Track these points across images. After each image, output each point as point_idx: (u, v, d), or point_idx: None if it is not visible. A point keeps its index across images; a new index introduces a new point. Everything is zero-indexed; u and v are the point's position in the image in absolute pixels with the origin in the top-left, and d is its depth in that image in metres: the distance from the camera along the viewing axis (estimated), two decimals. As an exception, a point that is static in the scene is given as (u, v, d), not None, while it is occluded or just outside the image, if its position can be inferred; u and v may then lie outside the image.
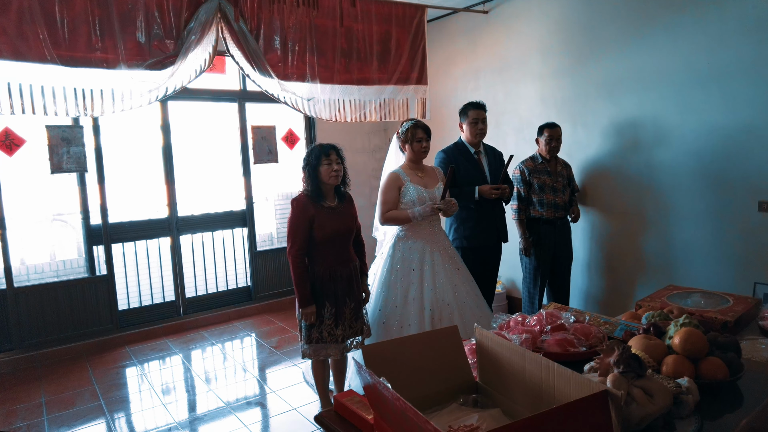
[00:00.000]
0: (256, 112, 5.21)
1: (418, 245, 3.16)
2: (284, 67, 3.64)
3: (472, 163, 3.61)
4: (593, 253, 4.17)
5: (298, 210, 2.82)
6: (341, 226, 2.90)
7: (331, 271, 2.87)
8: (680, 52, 3.49)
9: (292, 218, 2.83)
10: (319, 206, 2.85)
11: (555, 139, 3.88)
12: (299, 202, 2.84)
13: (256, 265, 5.25)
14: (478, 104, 3.58)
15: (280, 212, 5.71)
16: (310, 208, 2.82)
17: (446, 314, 3.06)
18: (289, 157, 5.46)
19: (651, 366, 1.45)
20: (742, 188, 3.29)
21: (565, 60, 4.18)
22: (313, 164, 2.84)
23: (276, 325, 4.88)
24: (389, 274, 3.15)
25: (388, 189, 3.16)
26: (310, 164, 2.84)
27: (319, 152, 2.84)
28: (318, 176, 2.85)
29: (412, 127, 3.17)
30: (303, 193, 2.88)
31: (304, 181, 2.90)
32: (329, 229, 2.84)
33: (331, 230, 2.85)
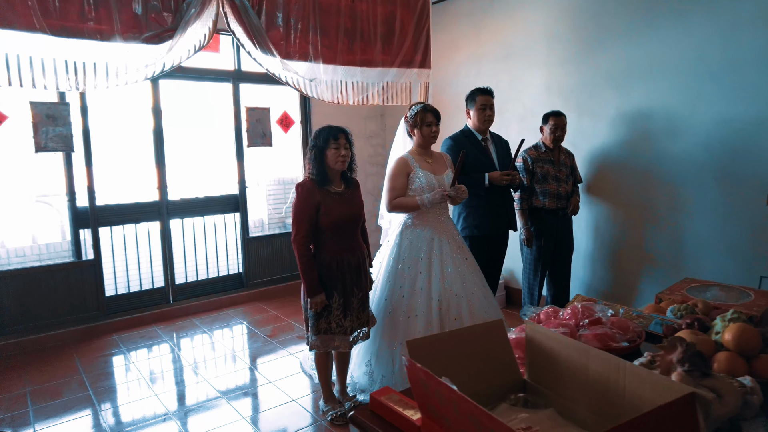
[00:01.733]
0: (250, 94, 5.03)
1: (427, 233, 3.07)
2: (286, 46, 3.49)
3: (480, 150, 3.52)
4: (597, 245, 4.12)
5: (303, 195, 2.70)
6: (348, 211, 2.79)
7: (338, 260, 2.76)
8: (691, 42, 3.43)
9: (297, 204, 2.70)
10: (325, 191, 2.73)
11: (560, 128, 3.81)
12: (304, 187, 2.71)
13: (249, 251, 5.11)
14: (486, 90, 3.49)
15: (274, 198, 5.56)
16: (316, 194, 2.70)
17: (454, 305, 2.98)
18: (283, 141, 5.31)
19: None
20: (751, 181, 3.26)
21: (572, 48, 4.10)
22: (321, 147, 2.71)
23: (269, 313, 4.75)
24: (396, 263, 3.05)
25: (397, 175, 3.05)
26: (317, 146, 2.71)
27: (328, 135, 2.71)
28: (324, 160, 2.72)
29: (421, 110, 3.05)
30: (308, 178, 2.75)
31: (308, 164, 2.77)
32: (336, 215, 2.73)
33: (337, 216, 2.73)
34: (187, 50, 3.15)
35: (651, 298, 3.82)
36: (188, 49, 3.15)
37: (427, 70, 4.28)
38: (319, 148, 2.71)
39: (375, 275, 3.13)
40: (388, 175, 3.08)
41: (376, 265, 3.17)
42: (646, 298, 3.82)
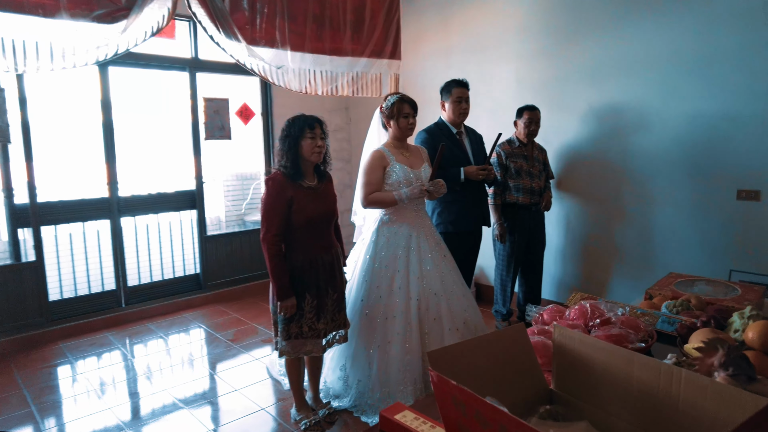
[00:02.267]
0: (208, 84, 4.74)
1: (404, 230, 2.93)
2: (252, 30, 3.26)
3: (455, 143, 3.41)
4: (567, 240, 4.10)
5: (274, 190, 2.49)
6: (323, 208, 2.61)
7: (311, 259, 2.57)
8: (666, 38, 3.44)
9: (268, 199, 2.50)
10: (298, 186, 2.54)
11: (534, 122, 3.76)
12: (275, 182, 2.51)
13: (207, 250, 4.83)
14: (462, 82, 3.38)
15: (232, 194, 5.28)
16: (288, 188, 2.51)
17: (433, 304, 2.86)
18: (243, 134, 5.05)
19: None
20: (722, 177, 3.29)
21: (545, 41, 4.05)
22: (295, 136, 2.52)
23: (230, 315, 4.50)
24: (372, 262, 2.90)
25: (372, 169, 2.89)
26: (291, 136, 2.52)
27: (303, 123, 2.52)
28: (299, 151, 2.53)
29: (398, 101, 2.91)
30: (279, 171, 2.56)
31: (279, 156, 2.56)
32: (310, 211, 2.54)
33: (312, 213, 2.55)
34: (144, 32, 2.88)
35: (622, 293, 3.87)
36: (145, 31, 2.88)
37: (398, 61, 4.14)
38: (293, 137, 2.52)
39: (349, 274, 2.97)
40: (363, 169, 2.92)
41: (350, 263, 3.01)
42: (617, 293, 3.83)
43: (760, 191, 3.14)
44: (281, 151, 2.55)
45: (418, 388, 2.76)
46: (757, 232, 3.17)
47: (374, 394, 2.79)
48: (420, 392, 2.76)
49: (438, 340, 2.82)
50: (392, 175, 2.89)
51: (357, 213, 3.19)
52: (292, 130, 2.51)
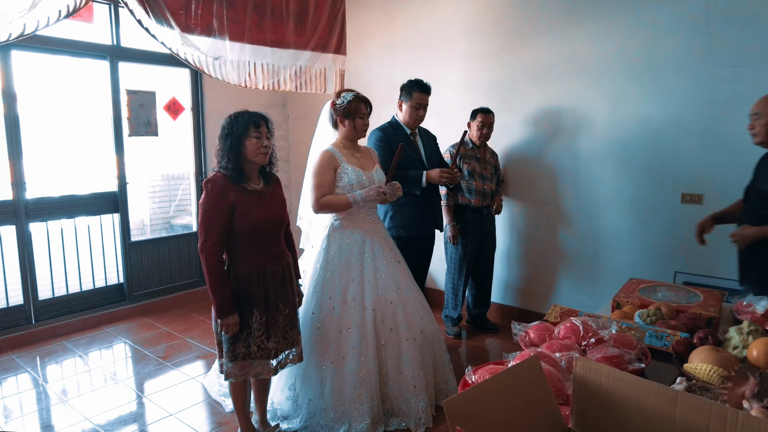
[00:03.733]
0: (132, 74, 4.31)
1: (357, 236, 2.74)
2: (187, 16, 2.94)
3: (409, 144, 3.26)
4: (514, 243, 4.08)
5: (213, 194, 2.22)
6: (270, 213, 2.37)
7: (259, 271, 2.32)
8: (614, 41, 3.46)
9: (206, 204, 2.22)
10: (241, 189, 2.28)
11: (487, 125, 3.69)
12: (215, 184, 2.24)
13: (131, 258, 4.39)
14: (425, 87, 3.23)
15: (159, 196, 4.85)
16: (230, 192, 2.24)
17: (389, 314, 2.69)
18: (171, 130, 4.64)
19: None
20: (666, 180, 3.36)
21: (493, 41, 3.99)
22: (238, 134, 2.25)
23: (159, 329, 4.11)
24: (324, 271, 2.68)
25: (323, 170, 2.68)
26: (234, 134, 2.25)
27: (248, 121, 2.27)
28: (242, 151, 2.28)
29: (355, 99, 2.71)
30: (220, 173, 2.28)
31: (219, 157, 2.29)
32: (255, 217, 2.29)
33: (257, 219, 2.29)
34: (58, 11, 2.49)
35: (569, 295, 3.89)
36: (59, 10, 2.50)
37: (343, 56, 3.93)
38: (235, 136, 2.26)
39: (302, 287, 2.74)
40: (313, 170, 2.70)
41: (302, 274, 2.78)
42: (564, 296, 3.84)
43: (703, 195, 3.23)
44: (221, 151, 2.28)
45: (375, 404, 2.58)
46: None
47: (328, 414, 2.58)
48: (377, 408, 2.58)
49: (395, 351, 2.66)
50: (343, 178, 2.69)
51: (303, 217, 2.96)
52: (234, 128, 2.25)
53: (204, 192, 2.24)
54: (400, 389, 2.62)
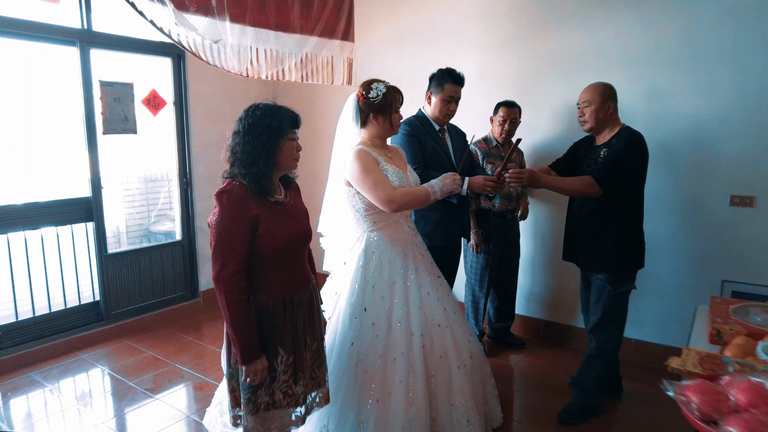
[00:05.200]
0: (106, 63, 3.79)
1: (398, 249, 2.36)
2: (182, -9, 2.48)
3: (438, 141, 2.88)
4: (538, 249, 3.75)
5: (232, 208, 1.78)
6: (296, 229, 1.95)
7: (285, 300, 1.90)
8: (649, 30, 3.17)
9: (223, 222, 1.77)
10: (264, 201, 1.86)
11: (509, 121, 3.35)
12: (233, 197, 1.79)
13: (108, 272, 3.87)
14: (458, 78, 2.85)
15: (137, 200, 4.34)
16: (252, 206, 1.81)
17: (437, 338, 2.32)
18: (151, 127, 4.14)
19: None
20: (712, 181, 3.09)
21: (513, 30, 3.65)
22: (276, 135, 1.83)
23: (143, 354, 3.62)
24: (363, 292, 2.28)
25: (374, 166, 2.27)
26: (271, 133, 1.82)
27: (289, 119, 1.86)
28: (277, 156, 1.85)
29: (390, 90, 2.31)
30: (235, 181, 1.84)
31: (239, 159, 1.83)
32: (283, 235, 1.87)
33: (284, 238, 1.87)
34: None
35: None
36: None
37: (351, 43, 3.52)
38: (273, 136, 1.82)
39: (329, 311, 2.33)
40: (360, 168, 2.24)
41: (331, 297, 2.37)
42: (595, 306, 3.54)
43: (755, 197, 2.97)
44: (248, 153, 1.82)
45: (424, 446, 2.20)
46: (751, 240, 3.00)
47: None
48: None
49: (445, 382, 2.29)
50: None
51: (325, 234, 2.54)
52: (273, 122, 1.81)
53: (218, 206, 1.79)
54: (453, 425, 2.25)
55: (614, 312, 2.65)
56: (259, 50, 2.93)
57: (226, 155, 1.86)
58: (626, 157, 2.47)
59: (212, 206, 1.82)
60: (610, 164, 2.48)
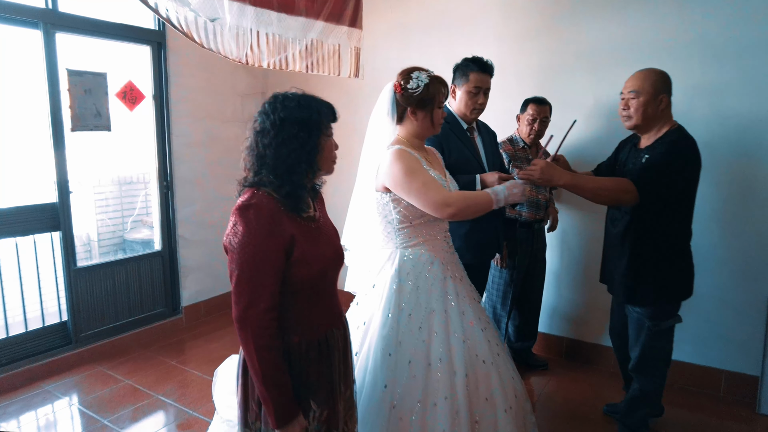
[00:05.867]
0: (75, 50, 3.32)
1: (436, 269, 1.99)
2: (173, -41, 2.05)
3: (466, 142, 2.52)
4: (565, 261, 3.43)
5: (263, 228, 1.36)
6: (331, 249, 1.56)
7: (320, 342, 1.51)
8: (689, 20, 2.89)
9: (252, 246, 1.35)
10: (298, 218, 1.47)
11: (540, 120, 3.02)
12: (263, 212, 1.37)
13: (77, 288, 3.39)
14: (485, 66, 2.50)
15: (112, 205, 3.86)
16: (286, 224, 1.42)
17: (483, 376, 1.94)
18: (127, 123, 3.67)
19: None
20: (758, 187, 2.82)
21: (535, 20, 3.33)
22: (316, 131, 1.44)
23: (119, 383, 3.15)
24: (396, 322, 1.90)
25: (419, 167, 1.91)
26: (311, 130, 1.42)
27: (329, 112, 1.48)
28: (318, 157, 1.46)
29: (433, 81, 1.94)
30: (263, 192, 1.42)
31: (271, 168, 1.41)
32: (319, 259, 1.48)
33: (322, 262, 1.49)
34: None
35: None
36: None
37: (358, 31, 3.14)
38: (313, 130, 1.43)
39: (356, 345, 1.94)
40: (403, 170, 1.87)
41: (359, 327, 1.97)
42: (626, 324, 3.24)
43: (809, 205, 2.70)
44: (284, 156, 1.40)
45: None
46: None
47: None
48: None
49: (490, 429, 1.92)
50: None
51: (349, 248, 2.15)
52: (312, 116, 1.42)
53: (242, 224, 1.36)
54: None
55: (656, 351, 2.29)
56: (260, 34, 2.51)
57: (250, 161, 1.46)
58: (672, 166, 2.08)
59: (198, 212, 1.42)
60: (651, 170, 2.10)
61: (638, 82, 2.19)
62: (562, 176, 2.09)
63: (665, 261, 2.18)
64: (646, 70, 2.21)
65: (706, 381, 3.06)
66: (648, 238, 2.18)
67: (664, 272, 2.18)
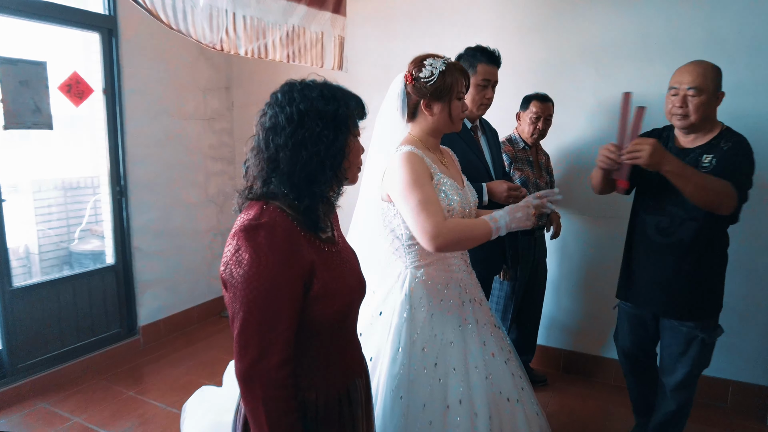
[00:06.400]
0: (7, 35, 2.84)
1: (453, 294, 1.70)
2: None
3: (470, 144, 2.24)
4: (564, 270, 3.21)
5: (277, 256, 1.04)
6: (354, 278, 1.25)
7: (341, 395, 1.19)
8: (699, 14, 2.72)
9: (263, 279, 1.02)
10: (315, 240, 1.15)
11: (545, 118, 2.79)
12: (277, 234, 1.06)
13: (13, 312, 2.91)
14: (494, 56, 2.24)
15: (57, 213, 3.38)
16: (305, 248, 1.10)
17: (507, 417, 1.67)
18: (73, 121, 3.21)
19: None
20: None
21: (534, 12, 3.10)
22: (345, 130, 1.12)
23: (68, 422, 2.71)
24: (408, 357, 1.60)
25: (424, 178, 1.59)
26: (339, 127, 1.11)
27: (358, 105, 1.18)
28: (345, 162, 1.15)
29: (453, 69, 1.65)
30: (277, 209, 1.10)
31: (287, 175, 1.10)
32: (343, 292, 1.16)
33: (346, 296, 1.17)
34: None
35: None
36: None
37: (342, 18, 2.82)
38: (341, 128, 1.12)
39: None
40: (407, 178, 1.57)
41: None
42: (629, 335, 3.05)
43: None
44: (305, 161, 1.09)
45: None
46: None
47: None
48: None
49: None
50: (441, 194, 1.64)
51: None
52: (340, 110, 1.10)
53: (249, 251, 1.03)
54: None
55: (703, 364, 2.12)
56: (237, 16, 2.15)
57: (257, 166, 1.12)
58: (751, 168, 1.91)
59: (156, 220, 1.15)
60: (739, 174, 1.88)
61: (699, 78, 1.94)
62: (672, 161, 1.80)
63: (719, 270, 2.04)
64: (702, 64, 1.97)
65: (712, 392, 2.91)
66: (715, 247, 2.02)
67: (718, 281, 2.05)
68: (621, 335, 2.36)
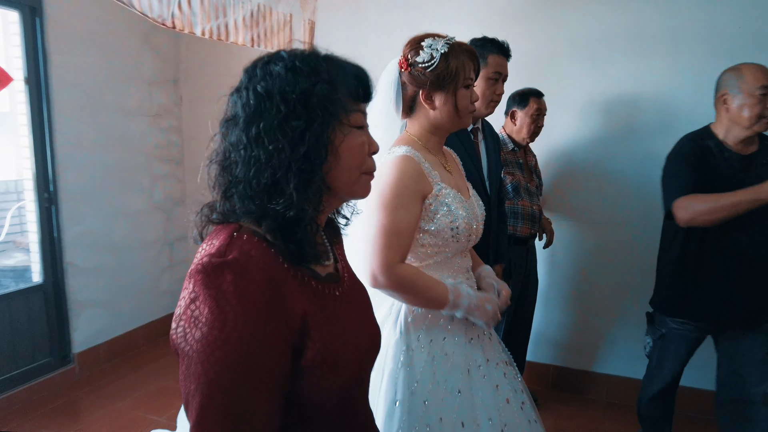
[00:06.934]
0: None
1: (458, 328, 1.41)
2: None
3: (469, 149, 1.95)
4: (552, 280, 2.99)
5: (251, 310, 0.68)
6: (364, 334, 0.91)
7: None
8: (700, 8, 2.57)
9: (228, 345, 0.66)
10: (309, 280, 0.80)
11: (543, 115, 2.57)
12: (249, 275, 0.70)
13: None
14: (504, 47, 2.02)
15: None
16: (294, 294, 0.75)
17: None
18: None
19: None
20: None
21: (521, 3, 2.86)
22: (326, 116, 0.76)
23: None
24: (407, 413, 1.29)
25: (405, 197, 1.29)
26: (314, 111, 0.75)
27: (353, 78, 0.81)
28: (329, 166, 0.79)
29: (458, 50, 1.35)
30: (252, 236, 0.75)
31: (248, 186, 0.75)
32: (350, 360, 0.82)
33: (355, 364, 0.83)
34: None
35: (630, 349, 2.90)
36: None
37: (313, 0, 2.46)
38: (315, 112, 0.75)
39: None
40: (390, 189, 1.29)
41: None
42: (623, 350, 2.87)
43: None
44: (263, 165, 0.74)
45: None
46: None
47: None
48: None
49: None
50: (440, 211, 1.34)
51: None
52: (317, 88, 0.75)
53: (210, 303, 0.67)
54: None
55: None
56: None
57: (216, 172, 0.78)
58: None
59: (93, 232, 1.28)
60: None
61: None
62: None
63: None
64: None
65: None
66: None
67: None
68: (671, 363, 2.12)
